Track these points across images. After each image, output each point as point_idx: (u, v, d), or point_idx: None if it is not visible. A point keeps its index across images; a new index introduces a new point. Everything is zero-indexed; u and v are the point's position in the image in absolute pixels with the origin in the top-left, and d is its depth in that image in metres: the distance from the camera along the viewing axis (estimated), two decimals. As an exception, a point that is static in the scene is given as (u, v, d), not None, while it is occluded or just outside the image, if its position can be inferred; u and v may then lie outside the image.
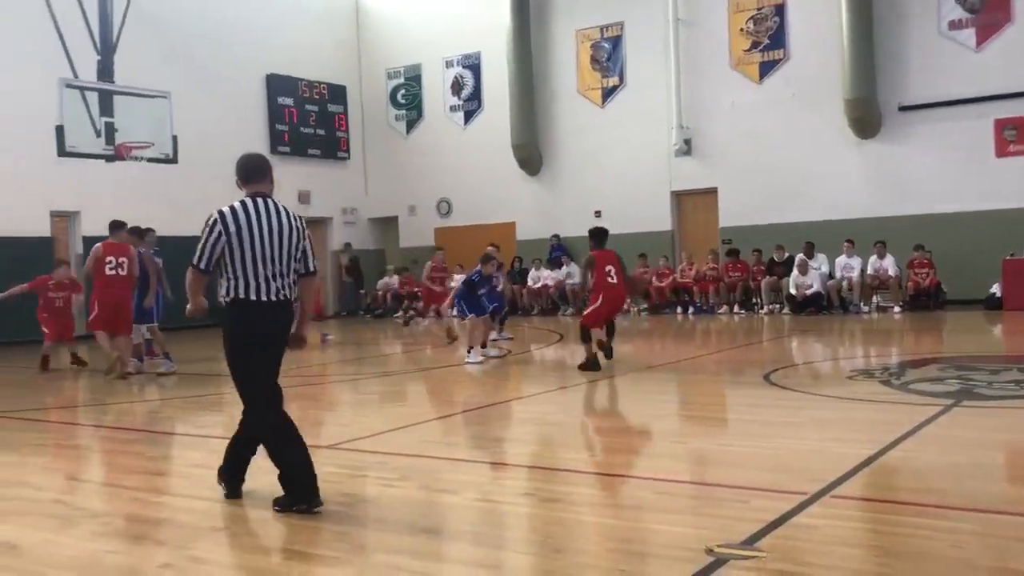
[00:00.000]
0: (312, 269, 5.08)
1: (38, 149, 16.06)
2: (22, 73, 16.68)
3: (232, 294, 4.78)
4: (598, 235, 10.92)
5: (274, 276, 4.83)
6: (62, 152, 14.44)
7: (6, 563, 4.08)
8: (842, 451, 5.59)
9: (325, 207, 23.31)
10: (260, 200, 4.93)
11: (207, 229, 4.81)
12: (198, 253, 4.82)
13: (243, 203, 4.89)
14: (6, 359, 14.64)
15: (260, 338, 4.86)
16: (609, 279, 10.43)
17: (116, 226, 11.06)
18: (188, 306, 5.08)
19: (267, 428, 4.91)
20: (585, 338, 10.24)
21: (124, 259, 10.87)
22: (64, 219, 18.23)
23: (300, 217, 5.11)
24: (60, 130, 14.17)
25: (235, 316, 4.82)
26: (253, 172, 5.08)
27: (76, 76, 14.87)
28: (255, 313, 4.80)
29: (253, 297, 4.78)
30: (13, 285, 12.42)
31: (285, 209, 5.01)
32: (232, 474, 5.07)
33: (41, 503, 5.16)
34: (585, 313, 10.68)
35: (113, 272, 10.84)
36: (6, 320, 16.44)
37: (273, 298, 4.82)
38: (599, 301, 10.38)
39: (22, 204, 16.97)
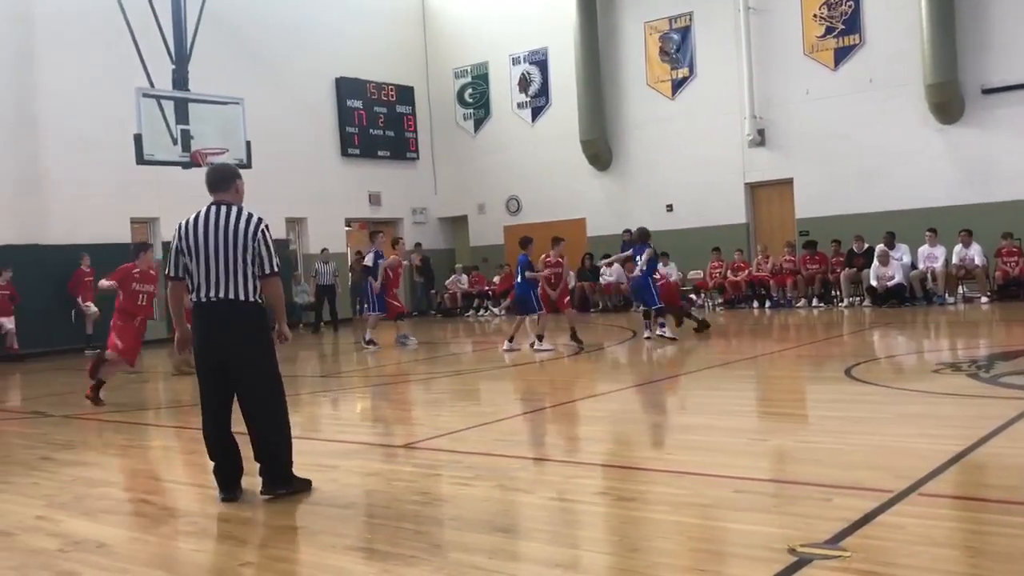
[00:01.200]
0: (269, 271, 5.25)
1: (118, 158, 16.56)
2: (102, 85, 17.24)
3: (193, 297, 5.21)
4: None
5: (219, 277, 5.11)
6: (140, 160, 14.86)
7: (96, 560, 4.20)
8: (929, 447, 5.41)
9: (395, 208, 23.56)
10: (215, 207, 5.25)
11: (172, 239, 5.29)
12: (166, 262, 5.32)
13: (198, 212, 5.26)
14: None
15: (205, 337, 5.17)
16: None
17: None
18: (175, 336, 5.48)
19: (203, 421, 5.30)
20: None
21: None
22: (144, 226, 18.77)
23: (260, 221, 5.29)
24: (138, 139, 14.57)
25: (192, 316, 5.25)
26: (215, 183, 5.39)
27: (152, 86, 15.27)
28: (201, 312, 5.16)
29: (200, 298, 5.15)
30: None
31: (241, 214, 5.24)
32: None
33: (129, 502, 5.31)
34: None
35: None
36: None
37: (215, 297, 5.12)
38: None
39: (104, 212, 17.55)
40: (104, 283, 10.35)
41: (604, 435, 6.99)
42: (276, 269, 5.29)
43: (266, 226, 5.31)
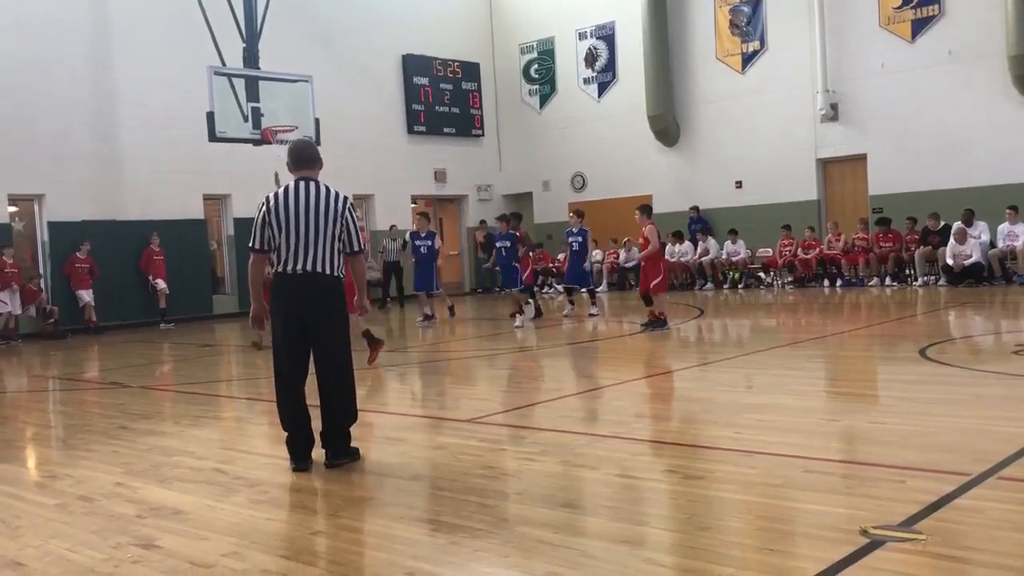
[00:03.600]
0: (355, 249, 5.41)
1: (191, 136, 16.88)
2: (175, 64, 17.60)
3: (274, 267, 5.29)
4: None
5: (307, 250, 5.20)
6: (212, 138, 15.10)
7: (173, 526, 4.32)
8: (1008, 430, 5.25)
9: (460, 185, 23.63)
10: (303, 183, 5.32)
11: (257, 212, 5.33)
12: (251, 235, 5.33)
13: (287, 187, 5.33)
14: (180, 335, 15.56)
15: (289, 307, 5.24)
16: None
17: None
18: (252, 310, 5.49)
19: (278, 392, 5.36)
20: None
21: None
22: (216, 202, 19.17)
23: (348, 199, 5.43)
24: (211, 116, 14.81)
25: (273, 288, 5.31)
26: (303, 160, 5.46)
27: (224, 64, 15.48)
28: (286, 283, 5.23)
29: (285, 270, 5.22)
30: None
31: (330, 191, 5.35)
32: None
33: (203, 471, 5.44)
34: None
35: None
36: (183, 297, 17.60)
37: (301, 269, 5.20)
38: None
39: (178, 189, 17.98)
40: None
41: (671, 413, 6.94)
42: (363, 246, 5.48)
43: (352, 204, 5.47)
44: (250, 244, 5.35)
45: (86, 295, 16.50)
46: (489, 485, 4.78)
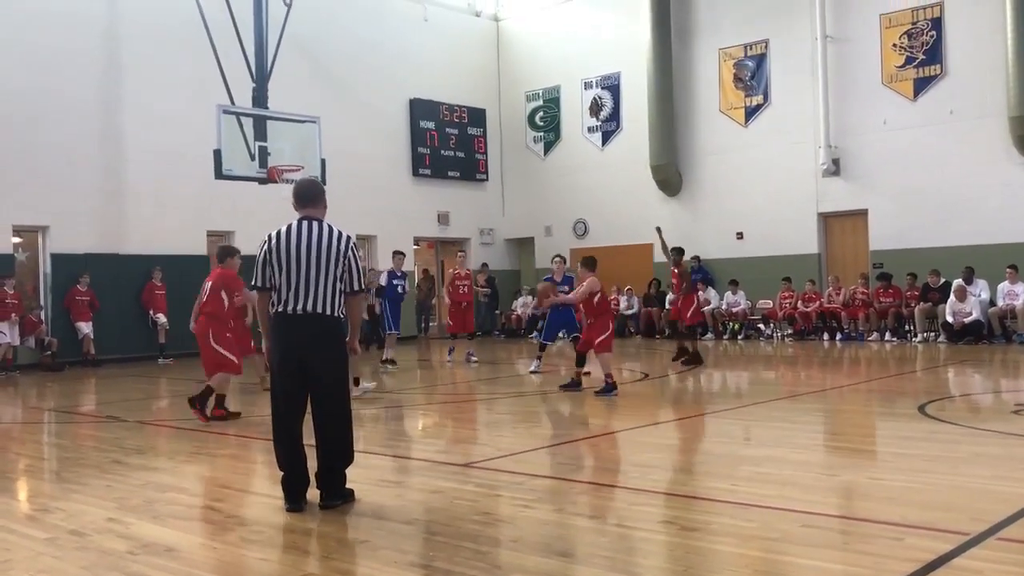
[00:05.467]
0: (357, 288, 5.39)
1: (197, 172, 17.03)
2: (184, 101, 17.78)
3: (273, 307, 5.25)
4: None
5: (307, 291, 5.19)
6: (219, 175, 15.23)
7: (164, 564, 4.28)
8: (1007, 490, 5.22)
9: (463, 228, 23.74)
10: (305, 223, 5.32)
11: (259, 250, 5.33)
12: (253, 274, 5.36)
13: (289, 226, 5.32)
14: (178, 370, 15.52)
15: (287, 347, 5.23)
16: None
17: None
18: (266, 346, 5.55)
19: (275, 431, 5.34)
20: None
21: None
22: (220, 239, 19.23)
23: (350, 239, 5.41)
24: (217, 154, 14.95)
25: (272, 327, 5.30)
26: (307, 198, 5.47)
27: (233, 102, 15.67)
28: (285, 323, 5.22)
29: (285, 310, 5.20)
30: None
31: (332, 230, 5.34)
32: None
33: (197, 508, 5.41)
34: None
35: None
36: (183, 332, 17.50)
37: (301, 310, 5.18)
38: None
39: (182, 224, 18.05)
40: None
41: (668, 463, 6.90)
42: (363, 286, 5.49)
43: (355, 243, 5.46)
44: (252, 282, 5.38)
45: (85, 327, 16.48)
46: (484, 531, 4.74)
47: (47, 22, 16.67)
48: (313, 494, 5.31)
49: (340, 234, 5.36)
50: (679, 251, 14.13)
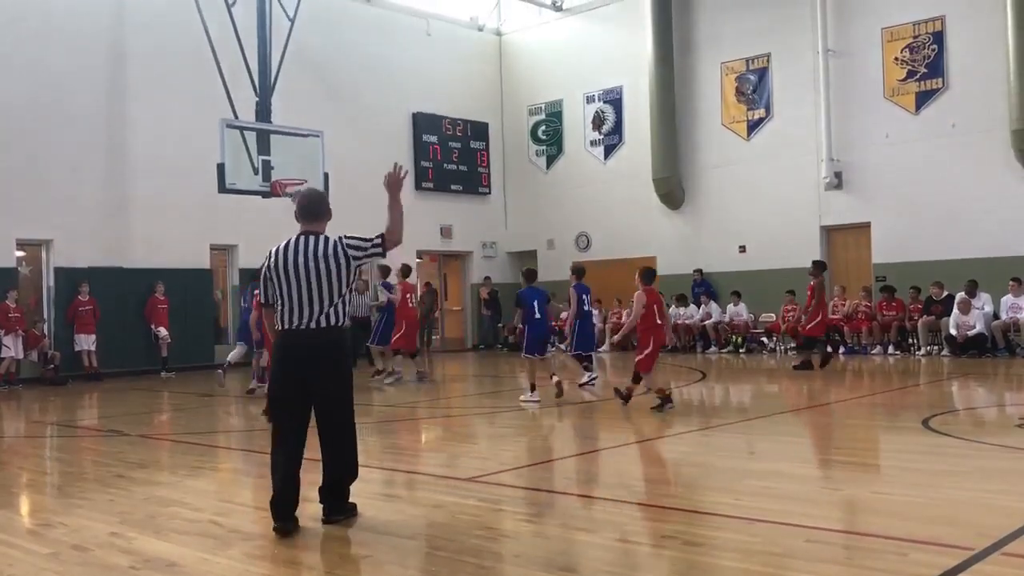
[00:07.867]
0: (370, 238, 5.41)
1: (201, 186, 17.06)
2: (188, 115, 17.84)
3: (279, 324, 5.26)
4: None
5: (307, 306, 5.17)
6: (222, 189, 15.28)
7: (165, 580, 4.27)
8: (1012, 504, 5.20)
9: (466, 242, 23.77)
10: (303, 238, 5.31)
11: (262, 266, 5.36)
12: (261, 289, 5.38)
13: (287, 242, 5.33)
14: (181, 384, 15.51)
15: (288, 364, 5.22)
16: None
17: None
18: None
19: (272, 447, 5.29)
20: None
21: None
22: (223, 252, 19.27)
23: (339, 239, 5.34)
24: (221, 168, 14.99)
25: (275, 344, 5.33)
26: (313, 213, 5.44)
27: (236, 117, 15.73)
28: (289, 339, 5.22)
29: (288, 325, 5.20)
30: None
31: (327, 242, 5.30)
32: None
33: (199, 523, 5.39)
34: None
35: None
36: (185, 346, 17.54)
37: (303, 326, 5.17)
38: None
39: (186, 238, 18.09)
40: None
41: (671, 477, 6.89)
42: (373, 242, 5.40)
43: (345, 236, 5.39)
44: (258, 298, 5.40)
45: (87, 341, 16.48)
46: (486, 546, 4.73)
47: (52, 38, 16.75)
48: (316, 510, 5.30)
49: (333, 243, 5.31)
50: (820, 265, 15.24)
